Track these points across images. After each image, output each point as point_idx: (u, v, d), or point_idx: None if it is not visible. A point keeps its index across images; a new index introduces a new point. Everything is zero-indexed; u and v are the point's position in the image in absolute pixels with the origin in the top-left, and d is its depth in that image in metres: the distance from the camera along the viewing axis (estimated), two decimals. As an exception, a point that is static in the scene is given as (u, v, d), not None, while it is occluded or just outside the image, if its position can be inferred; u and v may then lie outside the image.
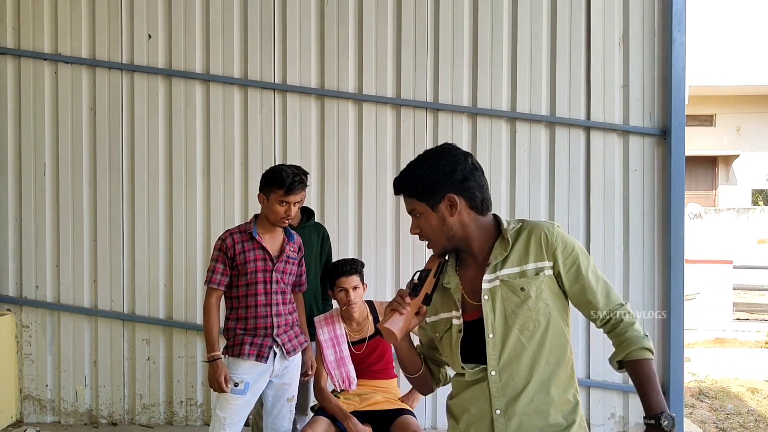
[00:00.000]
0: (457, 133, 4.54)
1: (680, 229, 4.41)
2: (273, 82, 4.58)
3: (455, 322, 1.76)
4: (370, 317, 3.27)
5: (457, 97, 4.53)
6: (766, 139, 18.59)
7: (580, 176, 4.49)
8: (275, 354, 3.05)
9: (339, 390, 3.25)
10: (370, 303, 3.32)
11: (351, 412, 3.11)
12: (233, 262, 3.05)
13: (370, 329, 3.26)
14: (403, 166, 4.64)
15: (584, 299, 1.73)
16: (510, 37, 4.54)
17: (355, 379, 3.24)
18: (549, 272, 1.71)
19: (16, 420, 4.65)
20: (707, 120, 18.99)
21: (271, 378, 3.10)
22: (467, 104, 4.53)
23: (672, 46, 4.39)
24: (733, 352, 8.82)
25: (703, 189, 19.05)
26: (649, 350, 1.69)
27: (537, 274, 1.70)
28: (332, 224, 4.43)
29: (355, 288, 3.15)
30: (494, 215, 1.82)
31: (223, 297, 3.14)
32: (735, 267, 10.67)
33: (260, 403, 3.30)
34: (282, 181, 3.00)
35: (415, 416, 3.17)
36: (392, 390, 3.32)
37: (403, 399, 3.28)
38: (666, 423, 1.58)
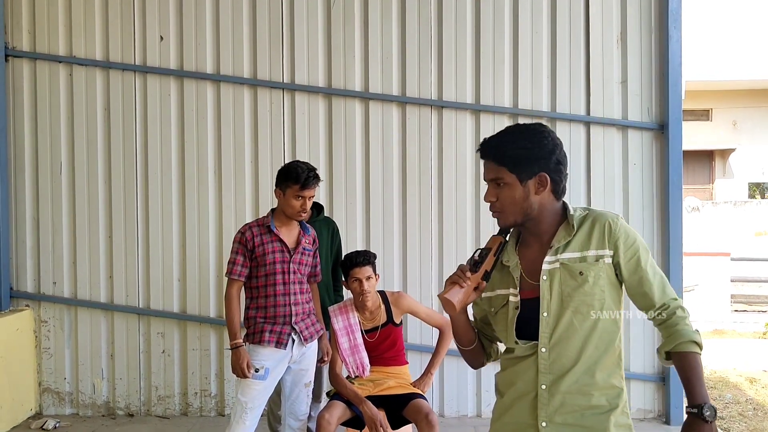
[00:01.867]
0: (461, 129, 4.66)
1: (678, 220, 4.53)
2: (282, 81, 4.69)
3: (512, 299, 1.81)
4: (383, 306, 3.39)
5: (461, 94, 4.65)
6: (762, 132, 18.67)
7: (581, 170, 4.61)
8: (293, 341, 3.19)
9: (353, 376, 3.37)
10: (382, 293, 3.44)
11: (365, 397, 3.24)
12: (252, 254, 3.18)
13: (382, 318, 3.38)
14: (409, 162, 4.78)
15: (641, 290, 1.77)
16: (511, 35, 4.66)
17: (369, 365, 3.36)
18: (608, 261, 1.75)
19: (36, 412, 4.78)
20: (704, 114, 19.07)
21: (290, 364, 3.24)
22: (471, 101, 4.65)
23: (669, 42, 4.51)
24: (731, 343, 8.92)
25: (700, 183, 19.15)
26: (698, 345, 1.72)
27: (597, 260, 1.75)
28: (341, 218, 4.55)
29: (368, 278, 3.28)
30: (563, 202, 1.86)
31: (243, 288, 3.27)
32: (733, 259, 10.77)
33: (276, 391, 3.44)
34: (298, 176, 3.13)
35: (426, 399, 3.30)
36: (404, 376, 3.45)
37: (414, 384, 3.41)
38: (708, 413, 1.61)
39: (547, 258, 1.77)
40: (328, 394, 3.53)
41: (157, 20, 4.72)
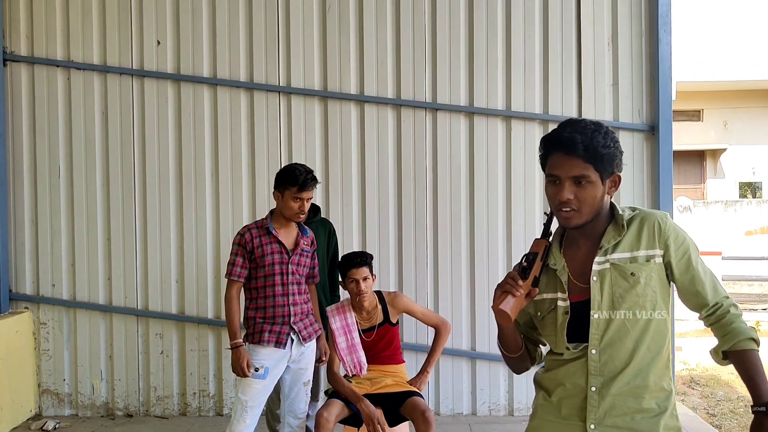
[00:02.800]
0: (455, 131, 4.72)
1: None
2: (278, 85, 4.75)
3: (560, 303, 1.77)
4: (379, 306, 3.45)
5: (455, 97, 4.72)
6: (752, 132, 18.86)
7: (573, 171, 4.68)
8: (292, 341, 3.24)
9: (351, 375, 3.43)
10: (378, 293, 3.50)
11: (363, 395, 3.30)
12: (252, 255, 3.23)
13: (379, 317, 3.44)
14: (404, 164, 4.84)
15: (693, 290, 1.74)
16: (504, 39, 4.72)
17: (366, 364, 3.42)
18: (659, 260, 1.72)
19: (35, 414, 4.82)
20: (695, 115, 19.24)
21: (289, 363, 3.29)
22: (464, 104, 4.72)
23: (659, 45, 4.59)
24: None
25: (691, 182, 19.32)
26: (756, 342, 1.70)
27: (648, 261, 1.72)
28: (337, 220, 4.61)
29: (365, 279, 3.34)
30: (611, 201, 1.81)
31: (242, 288, 3.32)
32: (724, 258, 10.87)
33: (274, 391, 3.49)
34: (295, 178, 3.19)
35: (423, 397, 3.36)
36: (400, 374, 3.51)
37: (411, 382, 3.47)
38: None
39: (597, 258, 1.73)
40: (326, 392, 3.60)
41: (154, 25, 4.77)
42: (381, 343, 3.46)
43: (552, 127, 4.62)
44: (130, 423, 4.70)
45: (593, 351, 1.72)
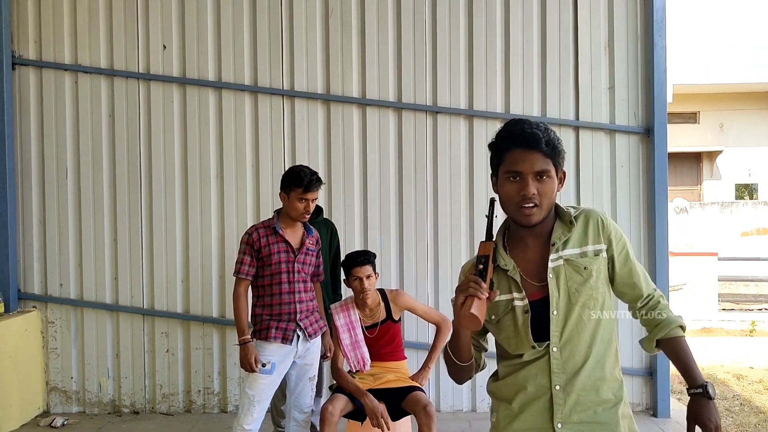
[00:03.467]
0: (455, 134, 4.82)
1: (664, 220, 4.71)
2: (281, 88, 4.84)
3: (518, 303, 1.76)
4: (382, 304, 3.54)
5: (455, 100, 4.82)
6: (748, 135, 18.95)
7: (571, 172, 4.78)
8: (298, 337, 3.35)
9: (354, 371, 3.52)
10: (381, 291, 3.59)
11: (366, 390, 3.39)
12: (259, 254, 3.33)
13: (381, 315, 3.53)
14: (405, 165, 4.92)
15: (631, 281, 1.80)
16: (503, 43, 4.83)
17: (369, 360, 3.51)
18: (605, 255, 1.77)
19: (43, 411, 4.90)
20: (691, 117, 19.34)
21: (295, 359, 3.39)
22: (464, 107, 4.82)
23: (654, 50, 4.70)
24: (719, 341, 9.08)
25: (688, 184, 19.41)
26: (684, 329, 1.78)
27: (596, 255, 1.76)
28: (339, 220, 4.71)
29: (368, 277, 3.42)
30: None
31: (250, 286, 3.42)
32: (720, 259, 10.97)
33: (279, 387, 3.59)
34: (301, 180, 3.30)
35: (424, 392, 3.46)
36: (402, 370, 3.60)
37: (412, 378, 3.56)
38: (711, 391, 1.67)
39: (552, 256, 1.74)
40: (330, 388, 3.69)
41: (160, 29, 4.87)
42: (383, 340, 3.55)
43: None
44: (137, 420, 4.79)
45: (554, 349, 1.72)
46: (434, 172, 4.83)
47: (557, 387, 1.72)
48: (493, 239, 1.78)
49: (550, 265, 1.74)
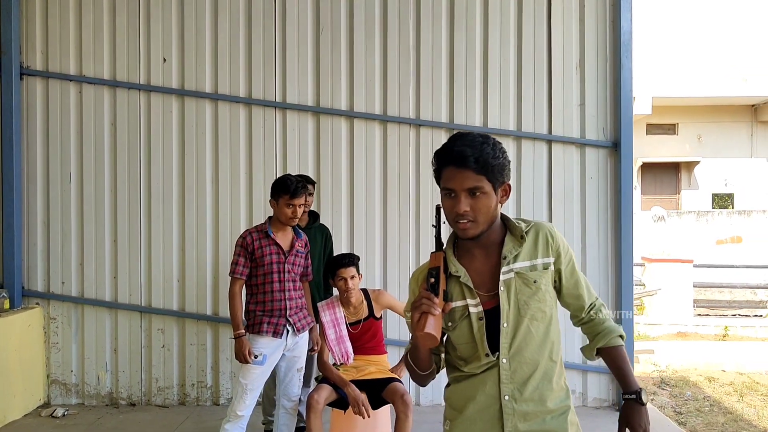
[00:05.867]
0: (436, 145, 4.96)
1: (629, 228, 5.01)
2: (274, 100, 5.11)
3: (473, 310, 1.77)
4: (365, 302, 3.84)
5: (437, 113, 5.11)
6: (724, 146, 19.42)
7: (543, 183, 5.08)
8: (288, 331, 3.64)
9: (339, 363, 3.81)
10: (364, 290, 3.89)
11: (349, 381, 3.68)
12: (252, 256, 3.62)
13: (364, 312, 3.83)
14: (390, 174, 5.22)
15: (576, 293, 1.86)
16: (482, 61, 5.13)
17: (352, 354, 3.80)
18: (552, 268, 1.80)
19: (44, 402, 5.15)
20: (670, 128, 19.78)
21: (284, 352, 3.68)
22: (445, 120, 5.11)
23: (621, 70, 5.00)
24: (693, 345, 9.37)
25: (667, 193, 19.84)
26: (623, 338, 1.87)
27: (545, 268, 1.78)
28: (327, 225, 4.92)
29: (352, 277, 3.72)
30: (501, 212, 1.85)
31: (244, 285, 3.71)
32: (695, 266, 11.31)
33: (271, 376, 3.88)
34: (287, 187, 3.58)
35: (402, 383, 3.76)
36: (383, 363, 3.90)
37: (392, 370, 3.86)
38: (644, 397, 1.78)
39: (503, 269, 1.75)
40: (316, 378, 3.99)
41: (161, 43, 5.13)
42: (366, 336, 3.85)
43: (524, 142, 5.09)
44: (133, 411, 5.03)
45: (504, 360, 1.74)
46: (417, 181, 5.12)
47: (506, 397, 1.74)
48: (443, 248, 1.79)
49: (502, 277, 1.75)
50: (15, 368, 4.80)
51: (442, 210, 1.77)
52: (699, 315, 11.04)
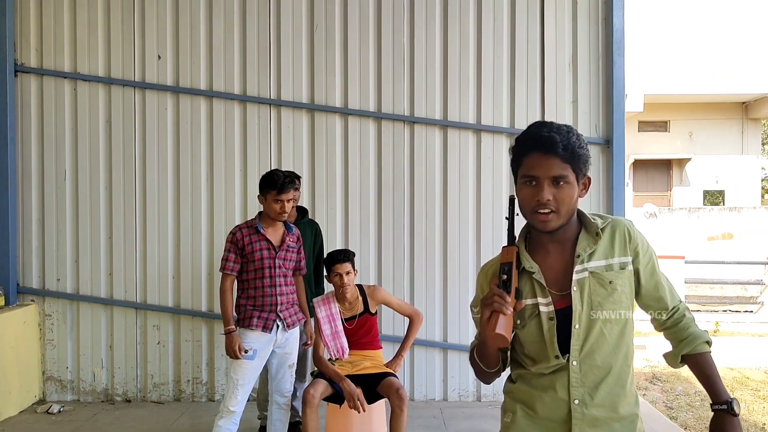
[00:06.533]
0: (430, 142, 5.15)
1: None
2: (269, 97, 5.13)
3: (543, 309, 1.69)
4: (360, 298, 3.87)
5: (431, 111, 5.14)
6: (715, 143, 19.57)
7: (537, 179, 5.11)
8: (278, 326, 3.65)
9: (334, 358, 3.84)
10: (359, 286, 3.92)
11: (345, 376, 3.72)
12: (243, 251, 3.64)
13: (359, 308, 3.86)
14: (384, 171, 5.26)
15: (657, 295, 1.76)
16: (476, 59, 5.17)
17: (348, 349, 3.83)
18: (630, 267, 1.70)
19: (39, 399, 5.16)
20: (662, 126, 19.90)
21: (274, 348, 3.70)
22: (439, 117, 5.15)
23: (613, 67, 5.05)
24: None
25: (659, 190, 19.97)
26: (710, 344, 1.75)
27: (622, 268, 1.69)
28: (322, 221, 4.99)
29: (347, 273, 3.75)
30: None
31: (235, 281, 3.73)
32: (687, 262, 11.37)
33: (264, 372, 3.90)
34: (275, 182, 3.60)
35: (397, 378, 3.79)
36: (378, 358, 3.93)
37: (387, 365, 3.89)
38: (736, 408, 1.63)
39: (576, 267, 1.67)
40: (312, 373, 4.02)
41: (156, 40, 5.14)
42: (361, 331, 3.88)
43: (517, 139, 5.10)
44: (129, 407, 5.05)
45: (574, 362, 1.66)
46: (411, 177, 5.15)
47: (576, 401, 1.66)
48: (515, 243, 1.71)
49: (575, 277, 1.67)
50: (10, 365, 4.81)
51: (516, 201, 1.69)
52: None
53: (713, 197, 19.66)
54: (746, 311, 11.37)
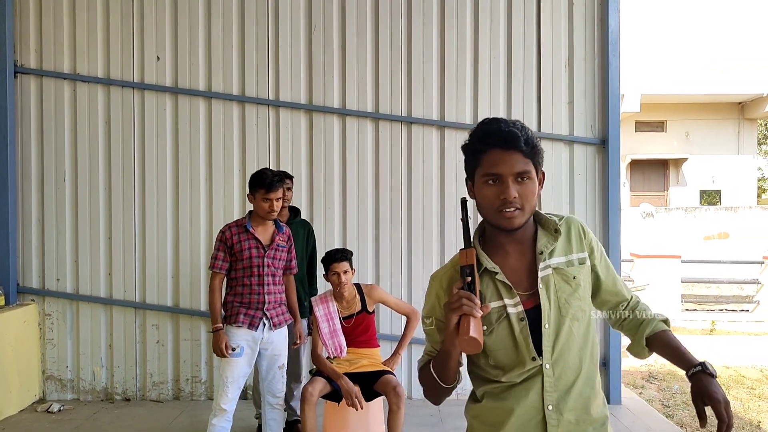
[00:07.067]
0: (427, 142, 5.19)
1: (617, 223, 5.10)
2: (267, 98, 5.17)
3: (512, 310, 1.59)
4: (358, 297, 3.91)
5: (428, 111, 5.18)
6: (712, 143, 19.63)
7: (533, 179, 5.15)
8: (264, 324, 3.67)
9: (332, 357, 3.88)
10: (357, 285, 3.96)
11: (343, 374, 3.75)
12: (232, 250, 3.67)
13: (357, 306, 3.90)
14: (382, 171, 5.29)
15: (615, 289, 1.73)
16: (472, 60, 5.21)
17: (345, 347, 3.87)
18: (588, 263, 1.66)
19: (39, 398, 5.19)
20: (659, 126, 19.97)
21: (261, 348, 3.70)
22: (436, 118, 5.19)
23: (609, 68, 5.09)
24: (681, 339, 9.49)
25: (655, 190, 20.03)
26: (668, 323, 1.71)
27: (581, 263, 1.64)
28: (320, 221, 5.06)
29: (345, 272, 3.79)
30: None
31: (225, 279, 3.75)
32: (683, 261, 11.44)
33: (258, 373, 3.92)
34: (263, 181, 3.62)
35: (395, 376, 3.83)
36: (376, 356, 3.97)
37: (385, 363, 3.93)
38: (711, 368, 1.54)
39: (540, 265, 1.60)
40: (310, 372, 4.06)
41: (155, 42, 5.17)
42: (359, 329, 3.91)
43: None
44: (128, 406, 5.08)
45: (547, 365, 1.57)
46: (408, 177, 5.19)
47: (550, 407, 1.57)
48: (471, 245, 1.64)
49: (540, 274, 1.60)
50: (11, 364, 4.84)
51: (469, 202, 1.65)
52: (687, 310, 11.17)
53: (710, 197, 19.73)
54: (742, 310, 11.42)
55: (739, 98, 19.64)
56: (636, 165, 20.02)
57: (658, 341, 1.68)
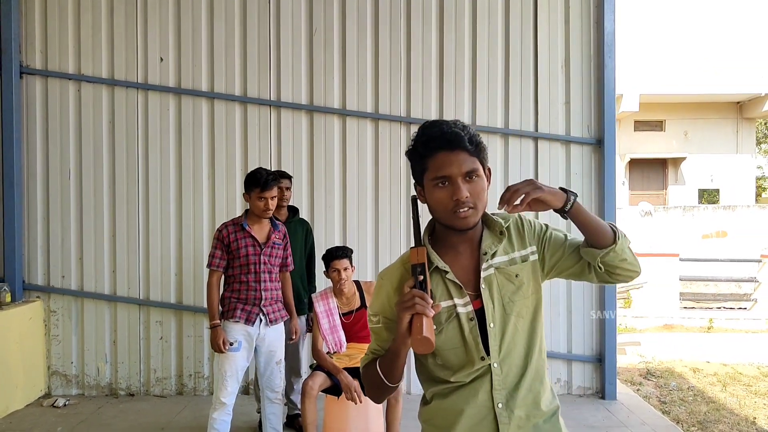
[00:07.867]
0: (426, 142, 5.25)
1: (612, 220, 5.15)
2: (269, 99, 5.25)
3: (461, 310, 1.59)
4: (357, 293, 3.99)
5: (426, 111, 5.26)
6: (710, 142, 19.68)
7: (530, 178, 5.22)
8: (261, 320, 3.75)
9: (332, 352, 3.96)
10: (357, 282, 4.04)
11: (342, 368, 3.83)
12: (228, 248, 3.75)
13: (356, 303, 3.98)
14: (381, 170, 5.36)
15: (571, 242, 1.68)
16: (470, 61, 5.28)
17: (345, 342, 3.95)
18: (534, 257, 1.65)
19: (45, 393, 5.28)
20: (658, 125, 20.02)
21: (257, 343, 3.79)
22: (435, 118, 5.24)
23: (605, 69, 5.17)
24: (679, 337, 9.55)
25: (654, 188, 20.09)
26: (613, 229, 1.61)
27: (524, 261, 1.64)
28: (320, 220, 5.14)
29: (345, 269, 3.87)
30: None
31: (222, 276, 3.82)
32: (681, 260, 11.47)
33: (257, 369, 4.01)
34: (258, 180, 3.69)
35: (394, 371, 3.91)
36: (375, 352, 4.06)
37: (384, 358, 4.01)
38: (575, 197, 1.57)
39: (483, 265, 1.60)
40: (311, 366, 4.14)
41: (158, 43, 5.25)
42: (358, 325, 3.99)
43: (512, 139, 5.24)
44: (132, 401, 5.17)
45: (495, 364, 1.57)
46: (407, 176, 5.24)
47: (500, 405, 1.57)
48: (423, 243, 1.63)
49: (483, 274, 1.60)
50: (17, 360, 4.92)
51: (419, 201, 1.65)
52: (685, 308, 11.19)
53: (708, 196, 19.79)
54: (740, 308, 11.46)
55: (738, 98, 19.70)
56: (635, 164, 20.07)
57: (577, 222, 1.62)
